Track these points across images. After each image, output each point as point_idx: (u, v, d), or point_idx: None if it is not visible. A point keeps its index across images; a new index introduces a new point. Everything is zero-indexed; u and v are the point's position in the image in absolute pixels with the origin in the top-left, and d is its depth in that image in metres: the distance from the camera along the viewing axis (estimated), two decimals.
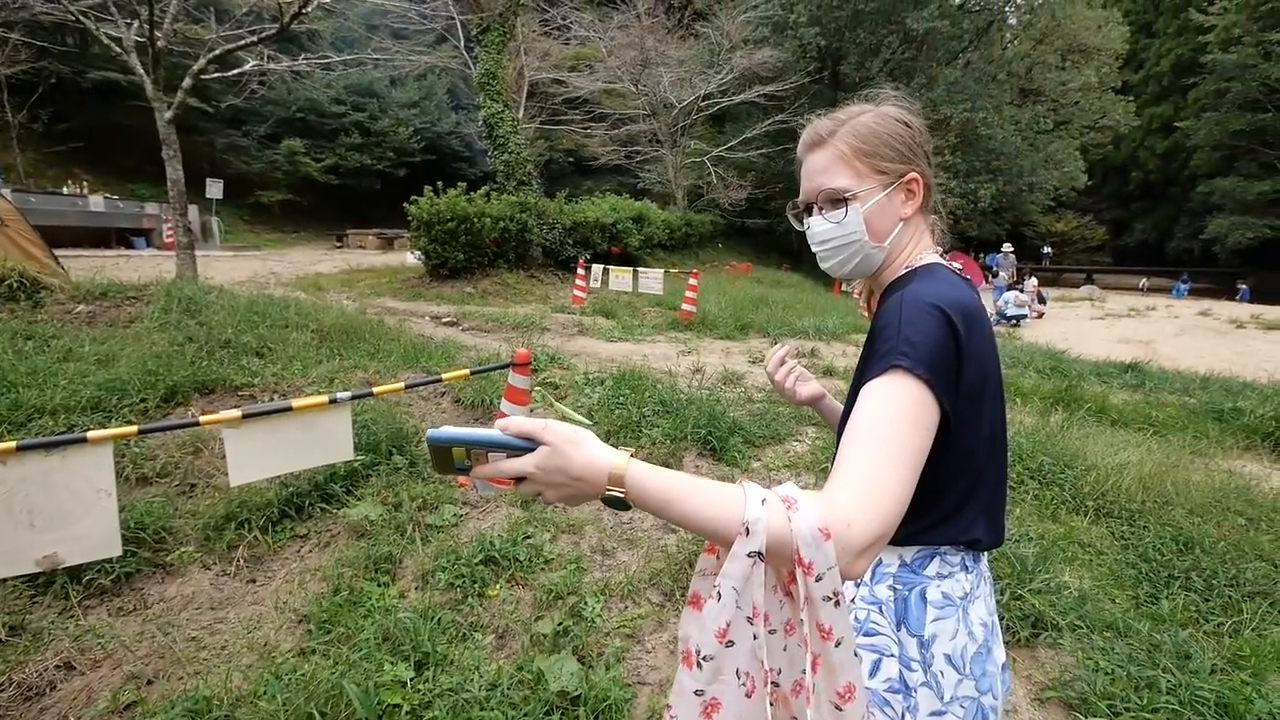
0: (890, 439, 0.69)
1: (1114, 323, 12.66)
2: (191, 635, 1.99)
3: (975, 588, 0.88)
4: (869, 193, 0.87)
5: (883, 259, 0.91)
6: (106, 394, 3.12)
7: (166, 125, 6.80)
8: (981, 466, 0.84)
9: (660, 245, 16.42)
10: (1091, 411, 4.69)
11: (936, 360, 0.73)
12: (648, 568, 2.42)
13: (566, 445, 0.64)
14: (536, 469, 0.64)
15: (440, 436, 0.65)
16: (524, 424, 0.65)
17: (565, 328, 7.14)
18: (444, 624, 2.02)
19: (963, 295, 0.80)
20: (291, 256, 16.17)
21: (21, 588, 2.00)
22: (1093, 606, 2.25)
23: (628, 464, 0.64)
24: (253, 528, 2.47)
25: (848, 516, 0.61)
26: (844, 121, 0.89)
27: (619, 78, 19.68)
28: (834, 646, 0.62)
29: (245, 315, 4.64)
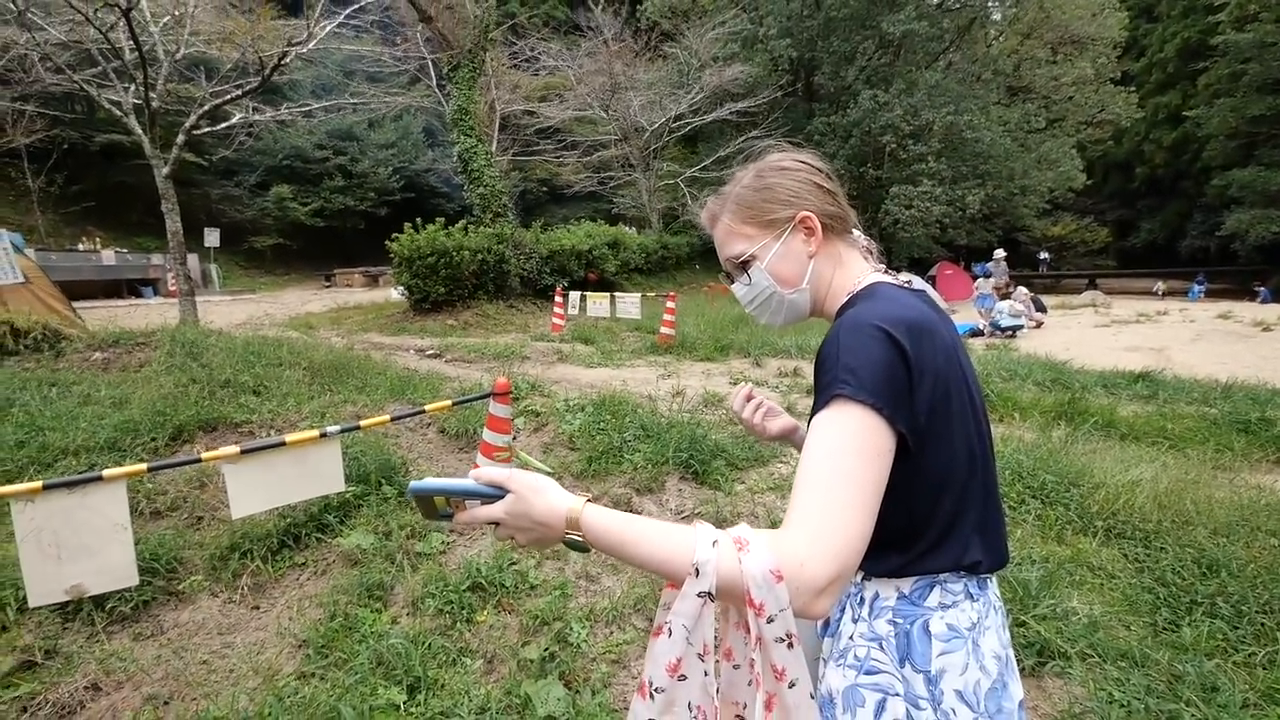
0: (840, 474, 0.66)
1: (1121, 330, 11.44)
2: (203, 659, 2.12)
3: (984, 617, 0.81)
4: (764, 248, 0.89)
5: (810, 299, 0.91)
6: (121, 434, 3.31)
7: (165, 180, 7.07)
8: (964, 483, 0.79)
9: (637, 269, 16.40)
10: (1098, 425, 4.33)
11: (880, 382, 0.70)
12: (632, 593, 2.42)
13: (529, 493, 0.69)
14: (506, 515, 0.70)
15: (421, 487, 0.71)
16: (493, 474, 0.71)
17: (545, 355, 7.14)
18: (434, 649, 2.06)
19: (907, 310, 0.77)
20: (284, 298, 16.34)
21: (53, 615, 2.14)
22: (1105, 634, 2.09)
23: (583, 509, 0.68)
24: (255, 557, 2.58)
25: (799, 557, 0.60)
26: (728, 195, 0.93)
27: (589, 104, 19.59)
28: (788, 687, 0.62)
29: (242, 356, 4.80)
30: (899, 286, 0.86)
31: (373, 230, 21.26)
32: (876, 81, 20.37)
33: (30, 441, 3.23)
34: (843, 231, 0.92)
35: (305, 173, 22.69)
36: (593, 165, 22.45)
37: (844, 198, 0.93)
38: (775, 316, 0.94)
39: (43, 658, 1.98)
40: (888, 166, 19.64)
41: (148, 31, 7.23)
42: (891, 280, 0.88)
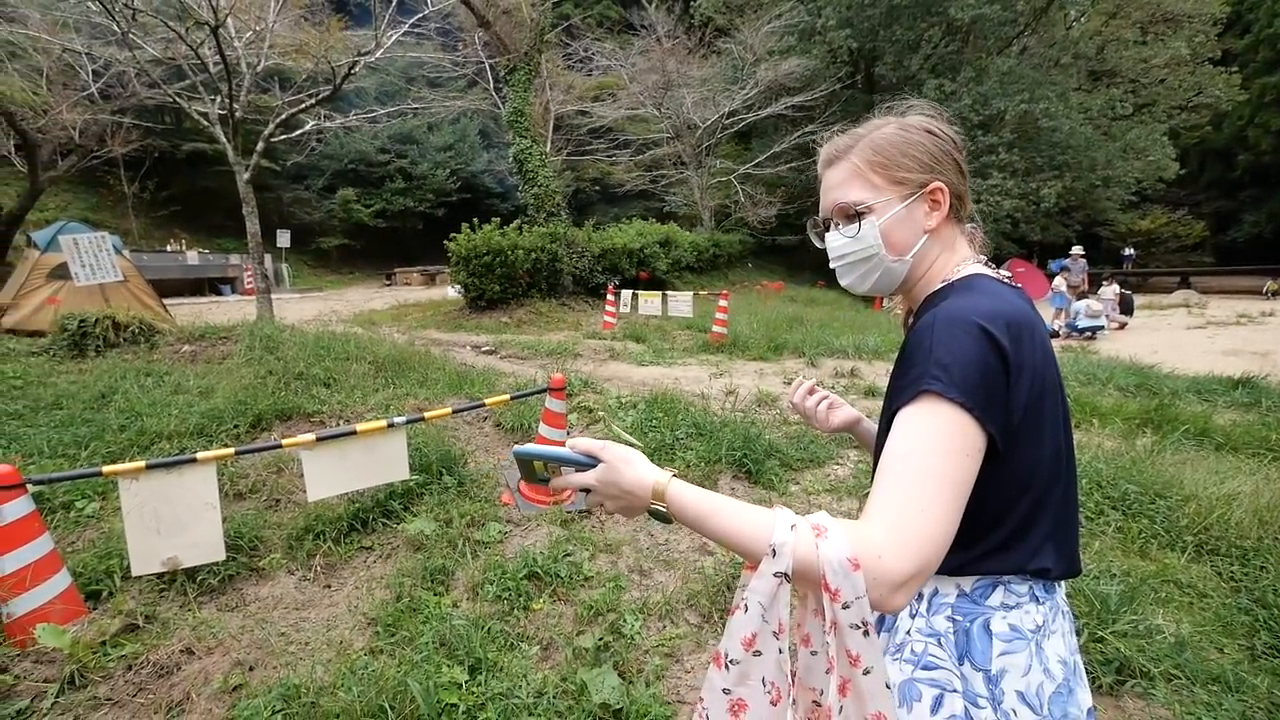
0: (924, 471, 0.66)
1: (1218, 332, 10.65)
2: (281, 631, 2.24)
3: (1050, 621, 0.80)
4: (885, 205, 0.84)
5: (906, 273, 0.87)
6: (208, 421, 3.59)
7: (245, 185, 7.57)
8: (1046, 488, 0.77)
9: (688, 268, 16.29)
10: (1189, 434, 4.12)
11: (973, 381, 0.68)
12: (685, 589, 2.44)
13: (620, 463, 0.73)
14: (597, 482, 0.74)
15: (524, 452, 0.78)
16: (589, 444, 0.76)
17: (597, 353, 7.20)
18: (493, 633, 2.12)
19: (1006, 306, 0.74)
20: (348, 295, 17.21)
21: (152, 585, 2.33)
22: (1194, 655, 2.00)
23: (669, 481, 0.71)
24: (327, 539, 2.72)
25: (878, 549, 0.61)
26: (862, 136, 0.87)
27: (641, 103, 19.53)
28: (862, 674, 0.62)
29: (314, 350, 5.06)
30: (999, 280, 0.82)
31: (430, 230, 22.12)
32: (943, 70, 19.48)
33: (130, 426, 3.57)
34: (960, 217, 0.89)
35: (368, 176, 23.83)
36: (644, 164, 22.41)
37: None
38: (864, 280, 0.89)
39: (144, 622, 2.15)
40: None
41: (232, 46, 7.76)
42: (991, 274, 0.84)
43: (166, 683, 1.94)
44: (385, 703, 1.74)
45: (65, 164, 12.88)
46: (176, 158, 19.95)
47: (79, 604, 2.11)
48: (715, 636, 2.19)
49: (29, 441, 3.41)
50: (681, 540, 2.85)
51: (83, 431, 3.49)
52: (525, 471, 0.81)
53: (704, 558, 2.71)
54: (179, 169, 20.49)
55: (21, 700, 1.82)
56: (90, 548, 2.50)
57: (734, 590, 2.43)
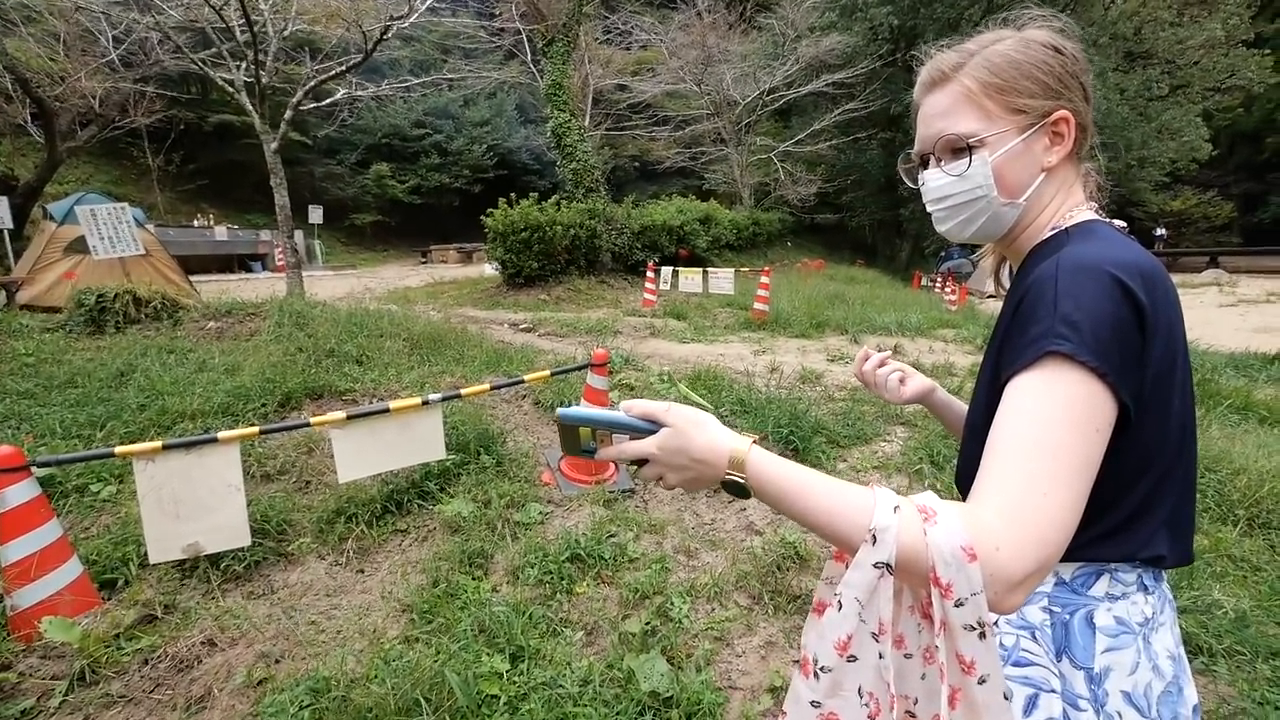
0: (1050, 448, 0.57)
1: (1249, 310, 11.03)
2: (311, 619, 2.14)
3: (1159, 612, 0.73)
4: (1000, 137, 0.72)
5: (1016, 219, 0.76)
6: (234, 400, 3.47)
7: (273, 155, 7.52)
8: (1168, 466, 0.68)
9: (728, 246, 16.26)
10: (1233, 408, 4.20)
11: (1107, 341, 0.59)
12: (734, 570, 2.38)
13: (689, 427, 0.63)
14: (659, 450, 0.63)
15: (570, 415, 0.67)
16: (647, 406, 0.65)
17: (637, 330, 7.19)
18: (535, 619, 2.06)
19: (1139, 255, 0.65)
20: (383, 273, 17.34)
21: (172, 572, 2.23)
22: (1256, 630, 1.99)
23: (750, 449, 0.61)
24: (359, 522, 2.63)
25: (996, 539, 0.53)
26: (974, 53, 0.74)
27: (681, 79, 19.60)
28: (977, 683, 0.54)
29: (345, 327, 5.01)
30: (1117, 230, 0.72)
31: (466, 207, 22.15)
32: None
33: (150, 405, 3.42)
34: (1081, 154, 0.77)
35: (403, 151, 23.87)
36: (684, 140, 22.60)
37: None
38: (965, 226, 0.77)
39: (162, 612, 2.04)
40: None
41: (258, 10, 7.62)
42: (1107, 222, 0.73)
43: (186, 677, 1.81)
44: (421, 695, 1.67)
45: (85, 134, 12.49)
46: (204, 129, 19.75)
47: (91, 594, 1.99)
48: (766, 619, 2.13)
49: (41, 421, 3.29)
50: (728, 519, 2.79)
51: (99, 411, 3.37)
52: (568, 441, 0.69)
53: (752, 537, 2.63)
54: (206, 141, 20.30)
55: (26, 699, 1.71)
56: (105, 534, 2.40)
57: (785, 573, 2.37)
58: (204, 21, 7.82)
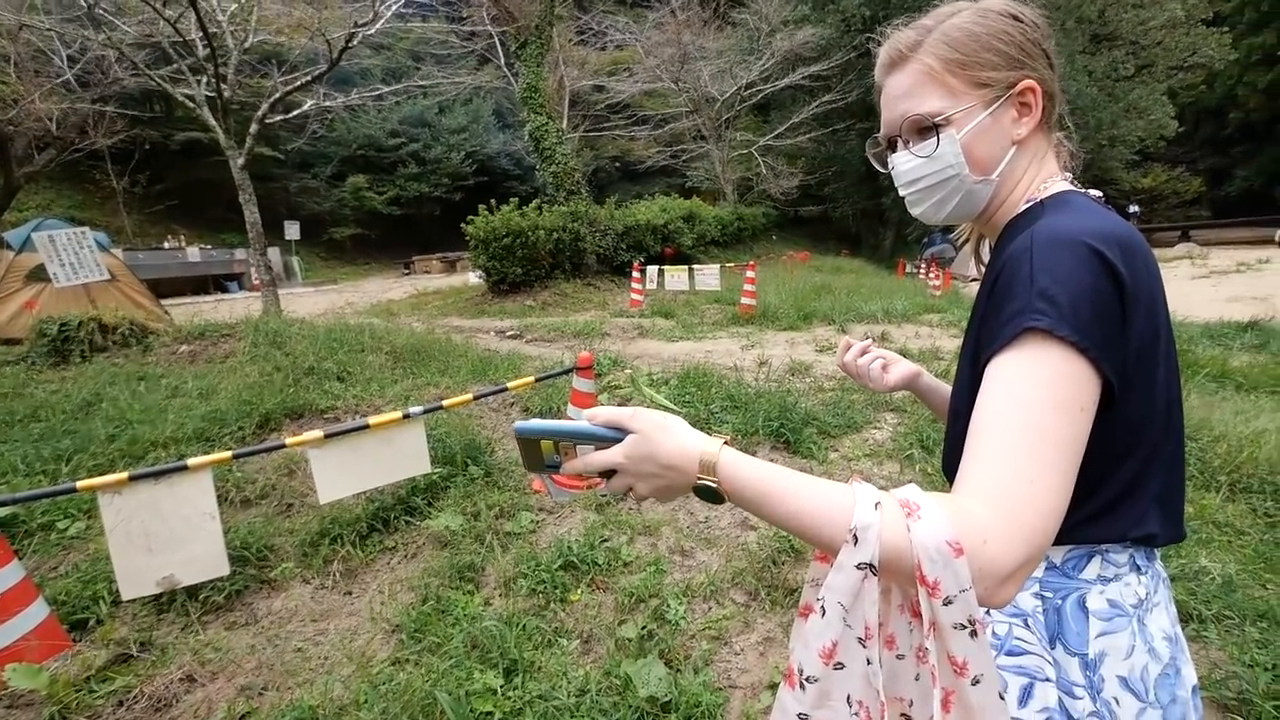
0: (1033, 431, 0.55)
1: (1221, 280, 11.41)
2: (297, 646, 2.08)
3: (1153, 592, 0.70)
4: (967, 114, 0.70)
5: (990, 195, 0.73)
6: (209, 425, 3.38)
7: (240, 171, 7.38)
8: (1157, 441, 0.66)
9: (713, 242, 16.30)
10: (1210, 376, 4.32)
11: (1086, 314, 0.57)
12: (729, 567, 2.36)
13: (656, 431, 0.59)
14: (626, 459, 0.60)
15: (527, 429, 0.63)
16: (611, 413, 0.62)
17: (625, 331, 7.17)
18: (529, 630, 2.02)
19: (1115, 224, 0.63)
20: (365, 287, 17.17)
21: (148, 607, 2.16)
22: (1242, 594, 2.02)
23: (720, 451, 0.57)
24: (345, 542, 2.57)
25: (983, 531, 0.50)
26: (931, 29, 0.72)
27: (658, 77, 19.65)
28: (970, 684, 0.52)
29: (325, 343, 4.92)
30: (1092, 200, 0.70)
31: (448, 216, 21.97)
32: None
33: (120, 435, 3.32)
34: (1050, 123, 0.74)
35: (379, 161, 23.68)
36: (664, 139, 22.68)
37: None
38: (940, 208, 0.75)
39: (138, 650, 1.96)
40: None
41: (215, 21, 7.46)
42: (1082, 193, 0.71)
43: (164, 717, 1.74)
44: (410, 719, 1.64)
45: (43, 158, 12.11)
46: (170, 148, 19.31)
47: (61, 637, 1.91)
48: (763, 615, 2.12)
49: (1, 459, 3.16)
50: (723, 516, 2.78)
51: (65, 444, 3.25)
52: (529, 457, 0.66)
53: (747, 533, 2.63)
54: (173, 160, 19.86)
55: None
56: (75, 572, 2.31)
57: (781, 567, 2.36)
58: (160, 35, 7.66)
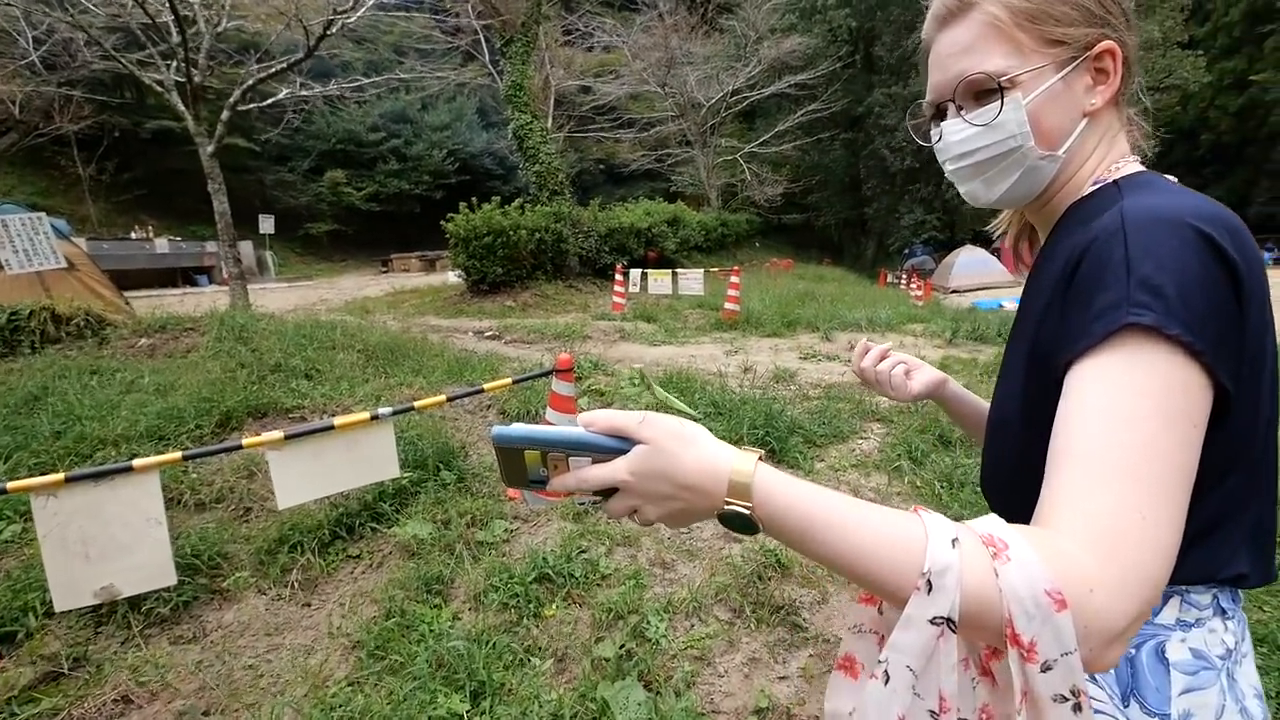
0: (1139, 452, 0.45)
1: None
2: (248, 663, 1.96)
3: (1240, 640, 0.60)
4: (1036, 76, 0.59)
5: (1053, 175, 0.62)
6: (165, 422, 3.21)
7: (210, 159, 7.12)
8: (1255, 463, 0.56)
9: (697, 248, 16.34)
10: None
11: (1199, 308, 0.47)
12: (712, 582, 2.29)
13: (673, 442, 0.48)
14: (632, 475, 0.49)
15: (508, 436, 0.51)
16: (615, 418, 0.50)
17: (607, 334, 7.12)
18: (499, 649, 1.93)
19: (1218, 207, 0.53)
20: (341, 284, 16.81)
21: (85, 619, 2.01)
22: None
23: (755, 469, 0.46)
24: (305, 550, 2.45)
25: (1089, 578, 0.41)
26: None
27: (645, 80, 19.71)
28: None
29: (294, 339, 4.75)
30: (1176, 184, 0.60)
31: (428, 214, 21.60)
32: None
33: (67, 431, 3.12)
34: (1127, 96, 0.64)
35: (359, 156, 23.22)
36: (649, 143, 22.75)
37: None
38: (993, 185, 0.64)
39: (70, 667, 1.82)
40: None
41: (187, 3, 7.17)
42: (1161, 176, 0.61)
43: None
44: None
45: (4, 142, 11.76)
46: (140, 136, 18.58)
47: None
48: (749, 633, 2.05)
49: None
50: (705, 525, 2.71)
51: (5, 441, 3.04)
52: (511, 470, 0.54)
53: (731, 545, 2.56)
54: (143, 149, 19.13)
55: None
56: (5, 580, 2.15)
57: (768, 583, 2.28)
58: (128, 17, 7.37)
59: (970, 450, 3.47)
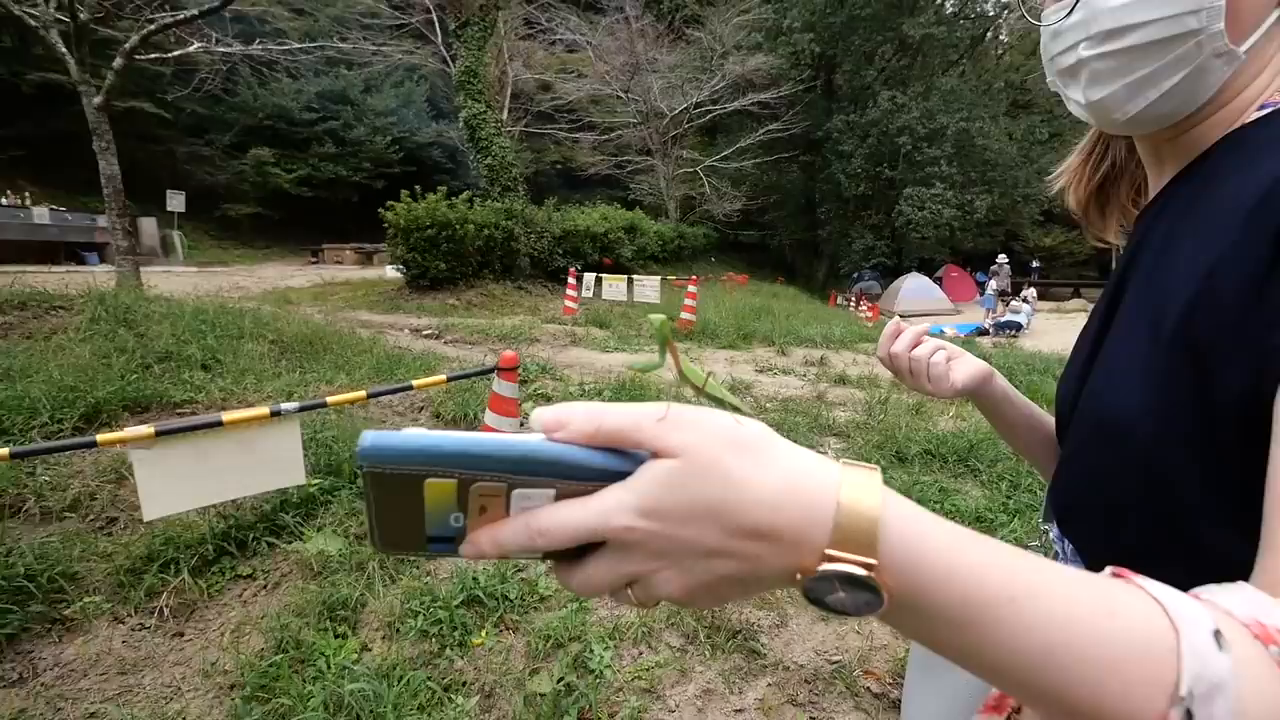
0: None
1: None
2: (90, 710, 1.66)
3: None
4: None
5: (1223, 83, 0.46)
6: (8, 413, 2.73)
7: (96, 112, 6.30)
8: None
9: (653, 257, 16.39)
10: None
11: None
12: (665, 604, 2.09)
13: (732, 454, 0.29)
14: (645, 517, 0.29)
15: (392, 449, 0.29)
16: (608, 415, 0.30)
17: (557, 338, 6.95)
18: (414, 686, 1.72)
19: None
20: (262, 272, 15.79)
21: None
22: None
23: (883, 500, 0.28)
24: (181, 569, 2.13)
25: None
26: None
27: (608, 83, 19.70)
28: None
29: (190, 325, 4.29)
30: None
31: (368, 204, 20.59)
32: (895, 83, 21.94)
33: None
34: None
35: (290, 136, 21.96)
36: (609, 148, 22.71)
37: None
38: (1146, 88, 0.47)
39: None
40: (902, 168, 20.76)
41: None
42: None
43: None
44: None
45: None
46: (20, 90, 16.72)
47: None
48: (702, 661, 1.95)
49: None
50: None
51: None
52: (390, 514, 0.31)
53: None
54: (24, 105, 17.12)
55: None
56: None
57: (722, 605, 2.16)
58: None
59: (929, 467, 3.47)
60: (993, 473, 3.36)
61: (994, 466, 3.42)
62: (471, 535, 0.31)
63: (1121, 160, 0.63)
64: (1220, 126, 0.48)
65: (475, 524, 0.31)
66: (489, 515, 0.31)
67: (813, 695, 1.82)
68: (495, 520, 0.31)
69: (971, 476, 3.42)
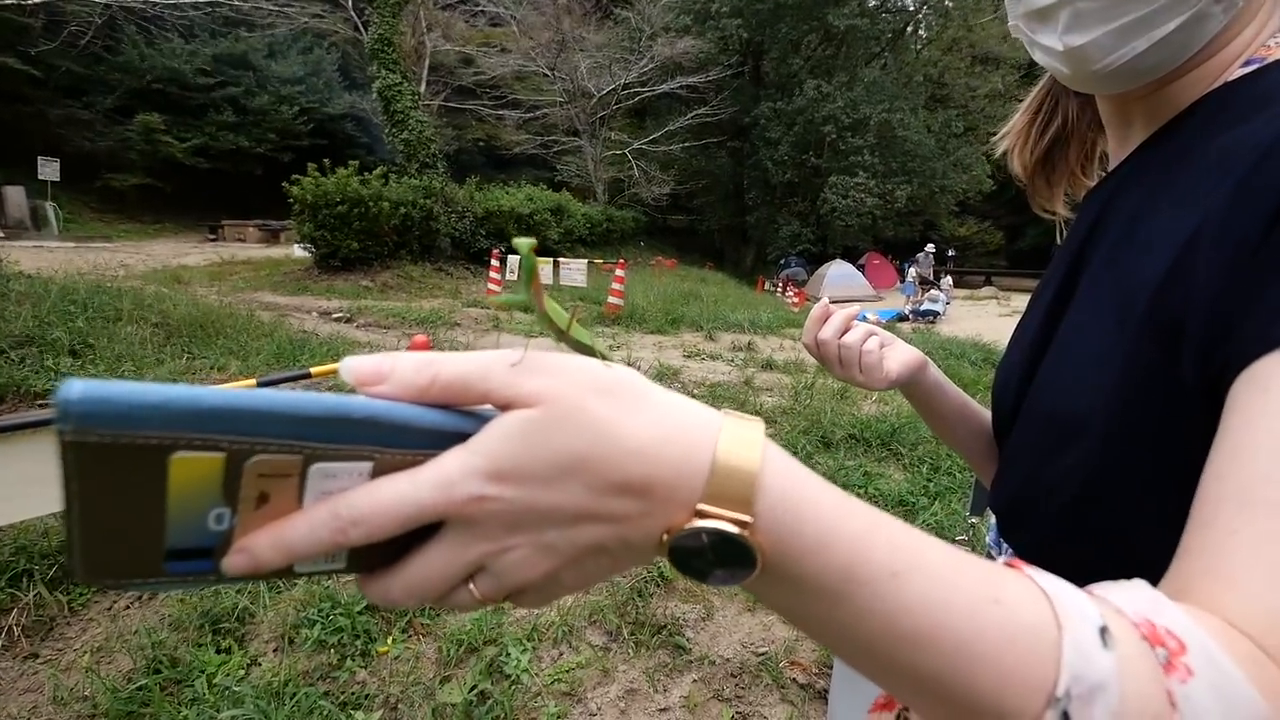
0: None
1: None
2: None
3: None
4: None
5: (1213, 34, 0.42)
6: None
7: None
8: None
9: (580, 240, 16.20)
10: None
11: None
12: (586, 601, 2.09)
13: (597, 400, 0.24)
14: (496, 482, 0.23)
15: (112, 405, 0.18)
16: (444, 365, 0.25)
17: (479, 322, 6.74)
18: (309, 703, 1.61)
19: None
20: (151, 249, 14.32)
21: None
22: None
23: (764, 449, 0.25)
24: (36, 581, 1.90)
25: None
26: None
27: (533, 59, 19.14)
28: None
29: (57, 305, 3.81)
30: None
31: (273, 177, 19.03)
32: (820, 73, 22.37)
33: None
34: None
35: (184, 102, 19.93)
36: (534, 128, 22.11)
37: None
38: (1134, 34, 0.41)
39: None
40: (827, 156, 21.18)
41: None
42: None
43: None
44: None
45: None
46: None
47: None
48: (625, 660, 1.91)
49: None
50: None
51: None
52: (103, 512, 0.19)
53: None
54: None
55: None
56: None
57: (649, 600, 2.14)
58: None
59: (854, 452, 3.56)
60: (913, 455, 3.47)
61: (914, 450, 3.52)
62: (243, 540, 0.22)
63: (1073, 120, 0.58)
64: (1199, 84, 0.44)
65: (249, 522, 0.21)
66: (272, 507, 0.22)
67: (739, 689, 1.81)
68: (282, 513, 0.22)
69: (894, 460, 3.51)
